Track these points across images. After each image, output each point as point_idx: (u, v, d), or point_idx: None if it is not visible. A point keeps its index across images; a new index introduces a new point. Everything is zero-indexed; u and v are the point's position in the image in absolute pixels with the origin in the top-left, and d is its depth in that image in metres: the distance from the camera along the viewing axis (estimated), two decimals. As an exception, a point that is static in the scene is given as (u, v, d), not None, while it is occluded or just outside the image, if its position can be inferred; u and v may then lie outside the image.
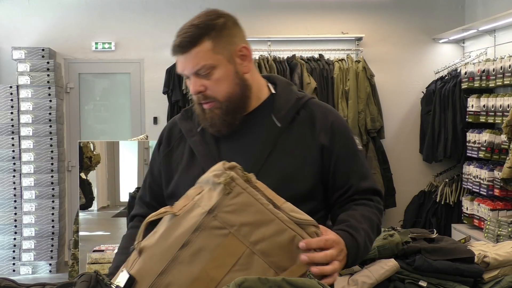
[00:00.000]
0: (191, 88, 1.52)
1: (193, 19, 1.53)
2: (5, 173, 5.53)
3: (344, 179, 1.58)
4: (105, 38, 6.05)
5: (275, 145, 1.55)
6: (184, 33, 1.49)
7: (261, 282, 1.18)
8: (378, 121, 5.85)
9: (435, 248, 2.45)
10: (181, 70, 1.53)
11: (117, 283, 1.25)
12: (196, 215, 1.28)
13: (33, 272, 5.55)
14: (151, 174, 1.73)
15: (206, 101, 1.52)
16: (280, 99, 1.60)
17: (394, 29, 6.18)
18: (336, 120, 1.61)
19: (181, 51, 1.49)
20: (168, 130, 1.71)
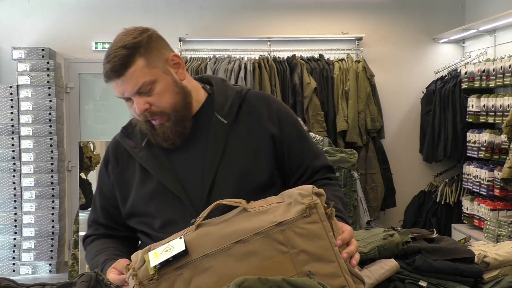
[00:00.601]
0: (137, 108, 1.49)
1: (116, 42, 1.50)
2: (5, 173, 5.53)
3: (299, 162, 1.61)
4: (105, 38, 6.05)
5: (226, 142, 1.55)
6: (114, 57, 1.47)
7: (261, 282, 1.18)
8: (378, 121, 5.84)
9: (435, 248, 2.45)
10: (120, 94, 1.50)
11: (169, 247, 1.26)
12: (265, 220, 1.28)
13: (33, 272, 5.55)
14: (101, 196, 1.69)
15: (154, 118, 1.51)
16: (219, 96, 1.61)
17: (394, 29, 6.18)
18: (279, 107, 1.65)
19: (116, 75, 1.47)
20: (113, 149, 1.67)
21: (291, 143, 1.61)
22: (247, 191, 1.51)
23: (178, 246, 1.26)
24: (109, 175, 1.66)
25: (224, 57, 5.87)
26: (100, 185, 1.70)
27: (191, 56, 5.92)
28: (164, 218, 1.54)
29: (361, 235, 2.53)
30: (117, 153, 1.66)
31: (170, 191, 1.53)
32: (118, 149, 1.66)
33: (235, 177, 1.53)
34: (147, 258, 1.27)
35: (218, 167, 1.53)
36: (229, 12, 6.07)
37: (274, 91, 5.65)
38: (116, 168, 1.64)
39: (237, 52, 5.91)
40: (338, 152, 4.31)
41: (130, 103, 1.51)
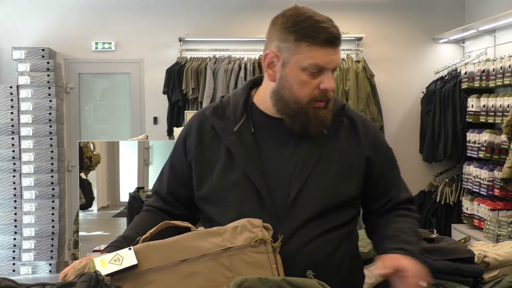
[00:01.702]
0: (330, 83, 1.46)
1: (320, 14, 1.51)
2: (5, 173, 5.53)
3: (385, 191, 1.61)
4: (105, 38, 6.05)
5: (322, 152, 1.52)
6: (333, 26, 1.47)
7: (261, 282, 1.18)
8: (378, 121, 5.84)
9: (435, 248, 2.45)
10: (326, 62, 1.45)
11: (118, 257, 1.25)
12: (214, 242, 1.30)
13: (33, 272, 5.55)
14: (171, 170, 1.63)
15: (325, 99, 1.49)
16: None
17: (394, 29, 6.18)
18: (376, 132, 1.65)
19: (337, 43, 1.47)
20: (198, 125, 1.59)
21: (382, 170, 1.61)
22: (331, 205, 1.51)
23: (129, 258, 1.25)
24: (187, 150, 1.59)
25: (224, 57, 5.87)
26: (173, 158, 1.63)
27: (191, 56, 5.91)
28: (240, 211, 1.47)
29: (361, 235, 2.53)
30: (201, 130, 1.57)
31: (253, 184, 1.48)
32: (204, 126, 1.58)
33: (324, 188, 1.50)
34: (91, 264, 1.25)
35: (309, 175, 1.49)
36: (229, 12, 6.07)
37: (274, 91, 5.65)
38: (199, 144, 1.56)
39: (237, 52, 5.91)
40: (338, 152, 4.31)
41: (315, 76, 1.45)
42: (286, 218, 1.46)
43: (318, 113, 1.48)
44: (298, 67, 1.45)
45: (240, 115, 1.55)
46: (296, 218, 1.46)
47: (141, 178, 4.56)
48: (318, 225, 1.48)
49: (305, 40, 1.43)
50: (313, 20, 1.45)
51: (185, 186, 1.60)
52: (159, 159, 4.49)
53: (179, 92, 5.73)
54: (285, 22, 1.48)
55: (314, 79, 1.45)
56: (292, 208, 1.46)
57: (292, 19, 1.47)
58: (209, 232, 1.31)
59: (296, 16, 1.47)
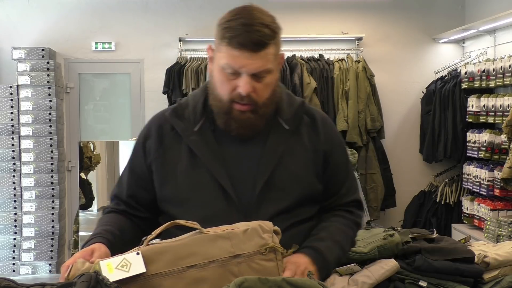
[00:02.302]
0: (245, 87, 1.44)
1: (256, 17, 1.45)
2: (5, 173, 5.53)
3: (337, 189, 1.62)
4: (105, 38, 6.05)
5: (285, 148, 1.54)
6: (257, 31, 1.42)
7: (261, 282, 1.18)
8: (378, 121, 5.84)
9: (435, 248, 2.45)
10: (238, 66, 1.43)
11: (125, 263, 1.23)
12: (222, 248, 1.28)
13: (33, 272, 5.55)
14: (131, 173, 1.62)
15: (246, 103, 1.47)
16: (283, 102, 1.59)
17: (394, 29, 6.18)
18: (334, 128, 1.67)
19: (253, 48, 1.42)
20: (157, 127, 1.59)
21: (337, 169, 1.61)
22: (296, 200, 1.52)
23: (137, 264, 1.23)
24: (146, 152, 1.59)
25: (224, 57, 5.86)
26: (132, 161, 1.63)
27: (191, 56, 5.91)
28: (206, 211, 1.48)
29: (361, 235, 2.53)
30: (162, 131, 1.58)
31: (219, 183, 1.49)
32: (163, 127, 1.58)
33: (289, 181, 1.52)
34: (97, 267, 1.23)
35: (273, 170, 1.50)
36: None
37: (274, 91, 5.66)
38: (159, 146, 1.57)
39: (237, 52, 5.90)
40: (338, 152, 4.31)
41: (233, 77, 1.45)
42: (252, 214, 1.46)
43: (241, 116, 1.48)
44: (219, 65, 1.47)
45: (200, 116, 1.55)
46: (263, 214, 1.46)
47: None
48: (284, 220, 1.49)
49: (225, 40, 1.44)
50: (240, 21, 1.43)
51: (146, 189, 1.59)
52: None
53: (179, 92, 5.73)
54: (221, 20, 1.49)
55: (233, 80, 1.46)
56: (258, 204, 1.47)
57: (226, 18, 1.47)
58: (218, 235, 1.28)
59: (231, 15, 1.47)
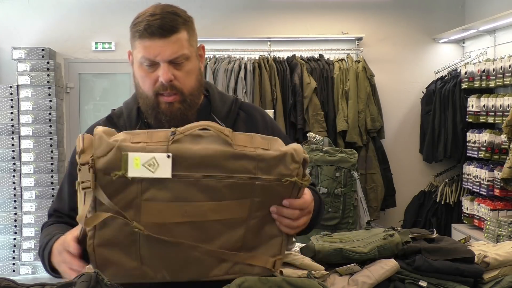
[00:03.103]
0: (163, 75, 1.43)
1: (162, 7, 1.47)
2: (5, 173, 5.53)
3: None
4: (105, 38, 6.05)
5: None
6: (164, 17, 1.43)
7: (261, 282, 1.18)
8: (378, 121, 5.84)
9: (435, 248, 2.45)
10: (153, 55, 1.43)
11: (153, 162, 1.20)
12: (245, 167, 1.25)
13: (33, 272, 5.55)
14: (71, 185, 1.53)
15: (170, 93, 1.46)
16: (216, 100, 1.60)
17: (394, 29, 6.18)
18: (272, 120, 1.68)
19: (162, 34, 1.42)
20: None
21: None
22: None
23: (164, 167, 1.20)
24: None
25: (224, 57, 5.87)
26: (71, 174, 1.56)
27: (191, 56, 5.91)
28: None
29: (361, 235, 2.53)
30: None
31: None
32: None
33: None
34: (124, 158, 1.19)
35: None
36: (229, 12, 6.07)
37: (274, 91, 5.66)
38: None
39: (237, 52, 5.91)
40: (338, 152, 4.31)
41: (151, 70, 1.46)
42: None
43: (170, 108, 1.48)
44: (137, 62, 1.48)
45: (135, 122, 1.56)
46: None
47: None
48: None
49: (136, 34, 1.46)
50: (147, 14, 1.46)
51: None
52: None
53: (179, 92, 5.72)
54: (132, 23, 1.51)
55: (152, 72, 1.46)
56: None
57: (135, 17, 1.50)
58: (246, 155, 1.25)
59: (139, 14, 1.50)
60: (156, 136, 1.23)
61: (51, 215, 1.61)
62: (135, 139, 1.22)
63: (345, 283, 2.38)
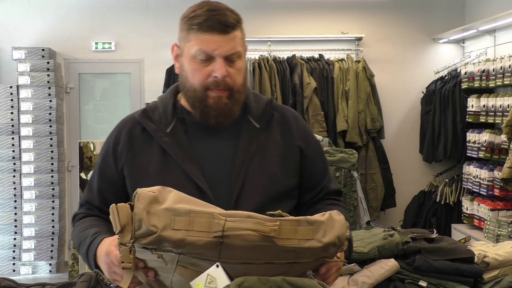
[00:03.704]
0: (219, 69, 1.45)
1: (220, 6, 1.49)
2: (5, 173, 5.53)
3: (317, 181, 1.63)
4: (105, 38, 6.05)
5: (257, 145, 1.54)
6: (224, 14, 1.46)
7: (261, 282, 1.18)
8: (378, 121, 5.84)
9: (435, 248, 2.45)
10: (211, 49, 1.45)
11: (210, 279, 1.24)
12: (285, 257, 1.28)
13: (33, 272, 5.55)
14: (101, 179, 1.59)
15: (222, 88, 1.48)
16: (251, 101, 1.60)
17: (394, 29, 6.18)
18: (305, 124, 1.68)
19: (223, 30, 1.44)
20: (127, 131, 1.58)
21: (313, 161, 1.62)
22: (273, 197, 1.52)
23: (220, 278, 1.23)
24: (117, 157, 1.56)
25: (224, 57, 5.86)
26: (101, 168, 1.60)
27: (191, 56, 5.91)
28: None
29: (361, 235, 2.54)
30: (131, 134, 1.56)
31: (195, 184, 1.48)
32: (133, 130, 1.57)
33: (266, 179, 1.52)
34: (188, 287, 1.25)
35: (249, 167, 1.51)
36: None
37: (274, 91, 5.66)
38: (129, 150, 1.55)
39: (237, 52, 5.90)
40: (338, 152, 4.31)
41: (205, 64, 1.46)
42: None
43: (218, 102, 1.49)
44: (189, 55, 1.48)
45: (171, 117, 1.56)
46: (242, 210, 1.46)
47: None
48: None
49: (192, 28, 1.47)
50: (205, 8, 1.47)
51: (116, 195, 1.55)
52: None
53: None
54: (183, 15, 1.52)
55: (206, 66, 1.47)
56: (235, 204, 1.47)
57: (188, 11, 1.51)
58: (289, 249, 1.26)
59: (194, 7, 1.50)
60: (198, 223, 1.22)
61: (82, 205, 1.63)
62: (176, 225, 1.21)
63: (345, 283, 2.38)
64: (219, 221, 1.20)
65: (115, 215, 1.23)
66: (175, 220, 1.21)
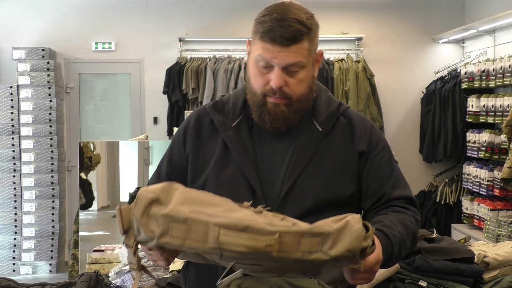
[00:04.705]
0: (275, 80, 1.45)
1: (290, 12, 1.46)
2: (5, 173, 5.53)
3: (378, 187, 1.55)
4: (105, 38, 6.05)
5: (317, 149, 1.53)
6: (289, 26, 1.44)
7: (261, 282, 1.18)
8: (378, 121, 5.85)
9: (435, 248, 2.46)
10: (270, 58, 1.45)
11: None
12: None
13: (33, 272, 5.55)
14: (169, 164, 1.64)
15: (280, 97, 1.48)
16: (321, 104, 1.59)
17: (394, 29, 6.18)
18: (373, 128, 1.62)
19: (284, 42, 1.44)
20: (196, 120, 1.61)
21: (376, 165, 1.57)
22: (325, 203, 1.50)
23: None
24: (186, 143, 1.60)
25: (224, 57, 5.87)
26: (171, 153, 1.64)
27: (191, 56, 5.92)
28: None
29: (361, 235, 2.53)
30: (200, 124, 1.60)
31: (246, 180, 1.50)
32: (202, 121, 1.60)
33: (317, 185, 1.50)
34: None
35: (303, 171, 1.50)
36: (229, 12, 6.07)
37: (274, 91, 5.65)
38: (196, 139, 1.58)
39: (237, 52, 5.91)
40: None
41: (266, 71, 1.47)
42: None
43: (274, 108, 1.49)
44: (253, 58, 1.50)
45: (239, 112, 1.57)
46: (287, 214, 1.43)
47: (141, 178, 4.55)
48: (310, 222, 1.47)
49: (258, 33, 1.48)
50: (273, 16, 1.46)
51: (182, 181, 1.55)
52: (159, 159, 4.48)
53: (179, 92, 5.73)
54: (257, 15, 1.53)
55: (266, 74, 1.48)
56: (282, 204, 1.46)
57: (261, 14, 1.52)
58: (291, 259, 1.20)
59: (266, 10, 1.51)
60: (195, 232, 1.20)
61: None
62: (174, 233, 1.20)
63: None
64: (214, 234, 1.18)
65: (119, 218, 1.24)
66: (173, 227, 1.21)
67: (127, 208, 1.24)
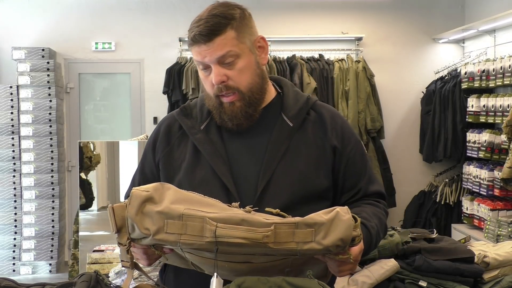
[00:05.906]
0: (214, 78, 1.47)
1: (210, 10, 1.49)
2: (5, 173, 5.53)
3: (354, 182, 1.57)
4: (105, 38, 6.05)
5: (289, 145, 1.53)
6: (206, 22, 1.46)
7: (261, 282, 1.18)
8: (378, 121, 5.84)
9: (435, 248, 2.46)
10: (201, 58, 1.47)
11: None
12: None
13: (33, 272, 5.55)
14: (141, 174, 1.65)
15: (228, 93, 1.49)
16: (289, 99, 1.59)
17: (394, 29, 6.18)
18: (344, 123, 1.63)
19: (205, 39, 1.45)
20: (165, 127, 1.62)
21: (350, 161, 1.57)
22: (301, 198, 1.50)
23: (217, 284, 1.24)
24: (155, 153, 1.61)
25: (224, 57, 5.87)
26: (143, 163, 1.65)
27: (191, 56, 5.90)
28: None
29: (361, 235, 2.53)
30: (169, 131, 1.61)
31: (220, 180, 1.49)
32: (171, 127, 1.61)
33: (292, 180, 1.50)
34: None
35: (277, 167, 1.50)
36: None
37: (274, 91, 5.66)
38: (166, 146, 1.59)
39: (237, 52, 5.90)
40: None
41: (207, 73, 1.49)
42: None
43: (231, 108, 1.50)
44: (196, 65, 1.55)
45: (206, 114, 1.58)
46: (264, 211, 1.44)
47: (141, 178, 4.54)
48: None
49: (188, 42, 1.52)
50: (194, 21, 1.50)
51: None
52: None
53: (179, 92, 5.73)
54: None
55: (209, 75, 1.50)
56: (259, 202, 1.45)
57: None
58: (286, 249, 1.24)
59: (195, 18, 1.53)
60: (191, 227, 1.22)
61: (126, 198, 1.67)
62: (169, 229, 1.22)
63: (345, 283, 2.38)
64: (211, 227, 1.20)
65: (111, 217, 1.25)
66: (168, 224, 1.22)
67: (119, 207, 1.26)
